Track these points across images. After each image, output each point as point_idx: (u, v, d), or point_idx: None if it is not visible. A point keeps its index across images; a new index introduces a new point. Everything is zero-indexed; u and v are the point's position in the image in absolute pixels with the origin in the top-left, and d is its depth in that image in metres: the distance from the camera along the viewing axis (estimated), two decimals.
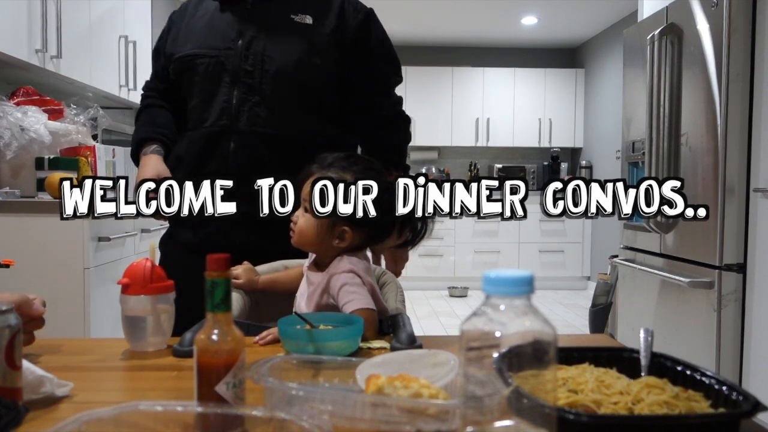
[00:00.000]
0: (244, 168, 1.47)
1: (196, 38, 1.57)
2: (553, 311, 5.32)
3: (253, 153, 1.49)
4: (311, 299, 1.23)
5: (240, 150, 1.49)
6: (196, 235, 1.54)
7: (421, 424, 0.67)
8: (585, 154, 6.60)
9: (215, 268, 0.69)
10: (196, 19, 1.60)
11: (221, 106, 1.50)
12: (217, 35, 1.54)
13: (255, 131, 1.49)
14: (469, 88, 6.54)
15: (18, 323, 0.76)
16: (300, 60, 1.52)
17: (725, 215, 2.47)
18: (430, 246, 6.26)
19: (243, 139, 1.49)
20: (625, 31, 3.33)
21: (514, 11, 5.59)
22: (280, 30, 1.53)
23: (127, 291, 1.06)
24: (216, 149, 1.50)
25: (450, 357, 0.81)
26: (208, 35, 1.55)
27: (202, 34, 1.56)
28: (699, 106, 2.61)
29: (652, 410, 0.65)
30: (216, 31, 1.55)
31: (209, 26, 1.57)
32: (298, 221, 1.24)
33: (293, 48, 1.52)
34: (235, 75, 1.50)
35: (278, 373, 0.80)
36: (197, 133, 1.53)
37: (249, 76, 1.50)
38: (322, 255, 1.25)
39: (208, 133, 1.51)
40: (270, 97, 1.51)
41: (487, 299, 0.55)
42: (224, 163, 1.49)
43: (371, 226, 1.22)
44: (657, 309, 2.94)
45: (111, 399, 0.81)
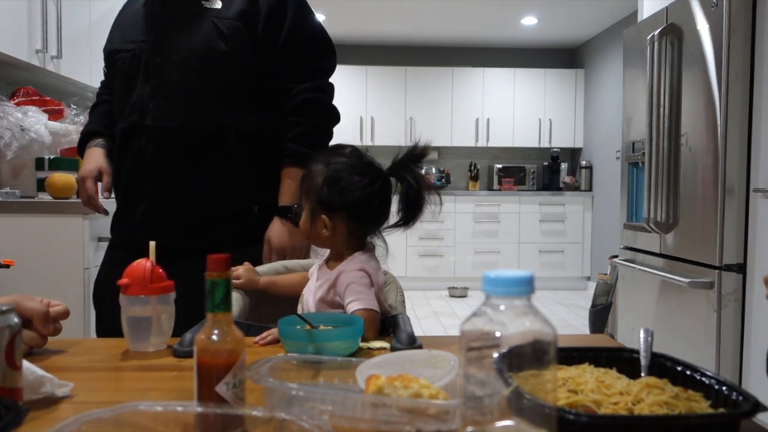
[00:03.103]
0: (155, 164, 1.46)
1: (120, 33, 1.57)
2: (553, 311, 5.32)
3: (164, 149, 1.45)
4: (317, 294, 1.23)
5: (150, 146, 1.46)
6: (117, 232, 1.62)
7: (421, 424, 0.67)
8: (585, 154, 6.60)
9: (215, 268, 0.69)
10: (125, 15, 1.61)
11: (134, 101, 1.48)
12: (136, 29, 1.53)
13: (163, 126, 1.45)
14: (469, 88, 6.54)
15: (18, 323, 0.76)
16: (205, 47, 1.43)
17: (725, 215, 2.47)
18: (430, 246, 6.26)
19: (152, 135, 1.45)
20: (625, 32, 3.33)
21: (514, 11, 5.59)
22: (190, 18, 1.46)
23: (127, 291, 1.06)
24: (130, 146, 1.49)
25: (450, 357, 0.81)
26: (128, 30, 1.55)
27: (124, 29, 1.56)
28: (699, 106, 2.61)
29: (652, 410, 0.65)
30: (135, 25, 1.53)
31: (132, 21, 1.55)
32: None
33: (198, 35, 1.43)
34: (146, 69, 1.47)
35: (278, 373, 0.80)
36: (117, 129, 1.53)
37: (159, 68, 1.45)
38: (330, 249, 1.28)
39: (122, 129, 1.51)
40: (177, 89, 1.44)
41: (487, 299, 0.55)
42: (137, 160, 1.48)
43: (344, 209, 1.20)
44: (657, 309, 2.94)
45: (111, 399, 0.81)
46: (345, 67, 6.47)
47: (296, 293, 1.34)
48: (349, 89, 6.45)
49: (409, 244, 6.23)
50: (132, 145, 1.48)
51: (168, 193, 1.48)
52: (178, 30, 1.46)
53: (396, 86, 6.50)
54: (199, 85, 1.44)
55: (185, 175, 1.47)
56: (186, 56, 1.43)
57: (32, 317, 0.96)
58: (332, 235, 1.23)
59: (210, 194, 1.49)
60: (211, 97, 1.46)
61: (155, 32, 1.48)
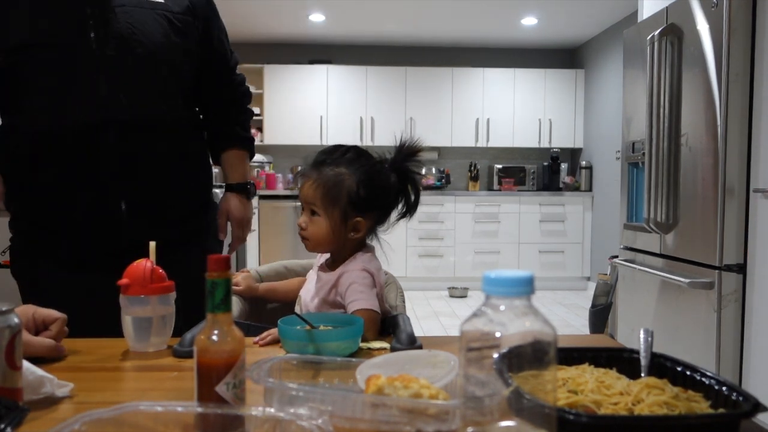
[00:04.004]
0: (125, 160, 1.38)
1: (27, 23, 1.35)
2: (553, 311, 5.32)
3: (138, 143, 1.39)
4: (318, 295, 1.23)
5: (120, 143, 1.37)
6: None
7: (422, 424, 0.67)
8: (585, 154, 6.60)
9: (215, 269, 0.69)
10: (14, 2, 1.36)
11: (84, 97, 1.35)
12: (61, 19, 1.35)
13: (133, 120, 1.38)
14: (469, 88, 6.54)
15: (18, 323, 0.76)
16: (167, 41, 1.42)
17: (725, 216, 2.47)
18: (430, 246, 6.26)
19: (121, 131, 1.37)
20: (625, 32, 3.33)
21: (514, 12, 5.59)
22: (140, 11, 1.40)
23: (128, 291, 1.06)
24: (91, 144, 1.36)
25: (450, 357, 0.82)
26: (45, 19, 1.35)
27: (36, 19, 1.35)
28: (699, 107, 2.61)
29: (652, 411, 0.65)
30: (56, 14, 1.35)
31: (42, 7, 1.35)
32: (307, 227, 1.24)
33: (157, 29, 1.41)
34: (99, 63, 1.35)
35: (278, 373, 0.80)
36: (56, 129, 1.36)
37: (115, 62, 1.36)
38: (338, 252, 1.26)
39: (75, 128, 1.36)
40: (140, 82, 1.40)
41: (487, 300, 0.55)
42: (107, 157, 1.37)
43: (378, 209, 1.25)
44: (657, 309, 2.94)
45: (111, 399, 0.81)
46: (345, 67, 6.48)
47: (295, 298, 1.34)
48: (349, 89, 6.45)
49: (409, 244, 6.23)
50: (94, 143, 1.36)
51: (149, 187, 1.42)
52: (130, 22, 1.38)
53: (396, 86, 6.50)
54: (161, 78, 1.43)
55: (161, 169, 1.45)
56: (150, 50, 1.39)
57: (42, 354, 0.97)
58: (357, 236, 1.24)
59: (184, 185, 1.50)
60: (169, 89, 1.46)
61: (100, 25, 1.35)
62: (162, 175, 1.44)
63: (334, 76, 6.44)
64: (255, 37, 6.38)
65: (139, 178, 1.40)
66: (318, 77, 6.40)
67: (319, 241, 1.24)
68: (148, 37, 1.39)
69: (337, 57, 6.69)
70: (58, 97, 1.36)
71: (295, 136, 6.38)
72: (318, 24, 5.96)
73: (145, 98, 1.41)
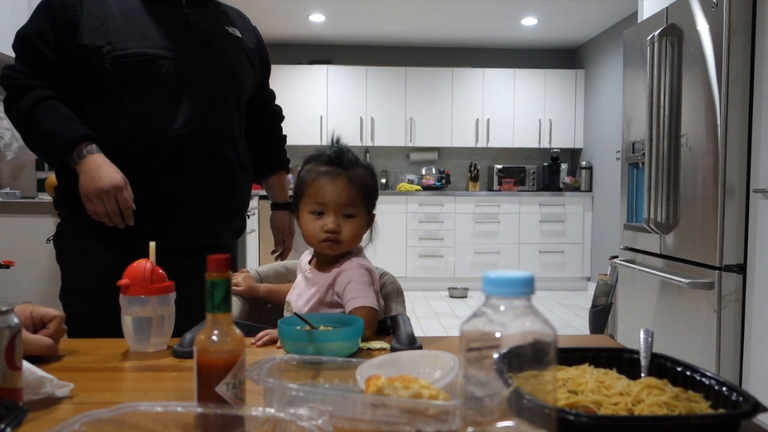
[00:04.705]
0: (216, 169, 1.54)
1: (141, 35, 1.46)
2: (553, 312, 5.32)
3: (224, 155, 1.55)
4: (313, 297, 1.23)
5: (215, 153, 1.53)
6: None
7: (422, 424, 0.67)
8: (585, 154, 6.60)
9: (215, 269, 0.69)
10: (122, 12, 1.46)
11: (188, 109, 1.48)
12: (167, 35, 1.49)
13: (223, 134, 1.55)
14: (469, 88, 6.54)
15: (18, 323, 0.76)
16: (243, 69, 1.63)
17: (725, 216, 2.47)
18: (430, 247, 6.26)
19: (214, 143, 1.53)
20: (625, 32, 3.33)
21: (514, 12, 5.59)
22: (224, 39, 1.59)
23: (128, 292, 1.07)
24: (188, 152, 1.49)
25: (450, 358, 0.82)
26: (156, 34, 1.48)
27: (149, 32, 1.47)
28: (699, 107, 2.61)
29: (652, 411, 0.65)
30: (163, 31, 1.48)
31: (150, 24, 1.48)
32: (342, 231, 1.23)
33: (237, 57, 1.62)
34: (191, 79, 1.50)
35: (278, 373, 0.80)
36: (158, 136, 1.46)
37: (207, 80, 1.53)
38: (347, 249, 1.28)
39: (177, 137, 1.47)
40: (227, 102, 1.58)
41: (487, 300, 0.55)
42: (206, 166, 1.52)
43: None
44: (657, 310, 2.94)
45: (111, 400, 0.81)
46: (345, 68, 6.48)
47: None
48: (349, 89, 6.45)
49: (409, 244, 6.23)
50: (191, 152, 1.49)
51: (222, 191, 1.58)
52: (216, 48, 1.56)
53: (396, 86, 6.50)
54: (235, 101, 1.61)
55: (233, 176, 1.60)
56: (235, 75, 1.60)
57: (40, 353, 0.97)
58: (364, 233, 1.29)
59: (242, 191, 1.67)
60: (237, 109, 1.62)
61: (194, 44, 1.52)
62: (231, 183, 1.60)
63: (334, 76, 6.44)
64: None
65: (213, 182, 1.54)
66: (318, 77, 6.40)
67: (353, 242, 1.25)
68: (236, 65, 1.61)
69: (337, 57, 6.69)
70: (163, 105, 1.47)
71: (295, 136, 6.36)
72: (318, 24, 5.96)
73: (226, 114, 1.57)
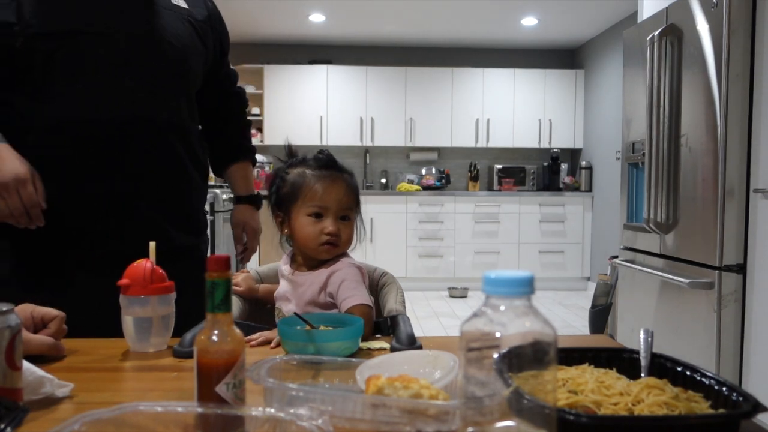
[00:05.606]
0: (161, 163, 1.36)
1: (62, 10, 1.26)
2: (553, 312, 5.32)
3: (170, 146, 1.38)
4: (302, 299, 1.23)
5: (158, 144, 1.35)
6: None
7: (422, 424, 0.67)
8: (585, 154, 6.60)
9: (215, 269, 0.69)
10: None
11: (124, 94, 1.30)
12: (94, 9, 1.29)
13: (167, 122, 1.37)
14: (469, 88, 6.54)
15: (18, 323, 0.76)
16: (191, 45, 1.41)
17: (725, 216, 2.47)
18: (430, 247, 6.26)
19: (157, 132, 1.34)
20: (625, 32, 3.33)
21: (514, 12, 5.59)
22: (164, 11, 1.37)
23: (128, 292, 1.06)
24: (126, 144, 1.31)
25: (450, 358, 0.82)
26: (81, 7, 1.29)
27: (72, 5, 1.28)
28: (699, 107, 2.61)
29: (652, 411, 0.65)
30: (89, 4, 1.30)
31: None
32: (340, 233, 1.24)
33: (184, 33, 1.40)
34: (127, 58, 1.31)
35: (278, 373, 0.80)
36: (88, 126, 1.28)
37: (142, 59, 1.33)
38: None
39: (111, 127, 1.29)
40: (171, 85, 1.38)
41: (487, 300, 0.55)
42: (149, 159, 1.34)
43: None
44: (657, 310, 2.94)
45: (111, 400, 0.81)
46: (345, 67, 6.48)
47: None
48: (349, 89, 6.45)
49: (409, 244, 6.23)
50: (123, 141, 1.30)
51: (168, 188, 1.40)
52: (162, 24, 1.35)
53: (396, 86, 6.50)
54: (181, 83, 1.41)
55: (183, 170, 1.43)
56: (180, 52, 1.38)
57: (41, 352, 0.97)
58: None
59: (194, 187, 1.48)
60: (185, 94, 1.43)
61: (128, 17, 1.31)
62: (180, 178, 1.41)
63: (334, 76, 6.44)
64: (255, 37, 6.38)
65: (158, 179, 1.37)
66: (318, 77, 6.40)
67: (348, 244, 1.27)
68: (178, 41, 1.38)
69: (337, 57, 6.69)
70: (88, 90, 1.28)
71: (295, 137, 6.37)
72: (318, 24, 5.96)
73: (171, 100, 1.38)
